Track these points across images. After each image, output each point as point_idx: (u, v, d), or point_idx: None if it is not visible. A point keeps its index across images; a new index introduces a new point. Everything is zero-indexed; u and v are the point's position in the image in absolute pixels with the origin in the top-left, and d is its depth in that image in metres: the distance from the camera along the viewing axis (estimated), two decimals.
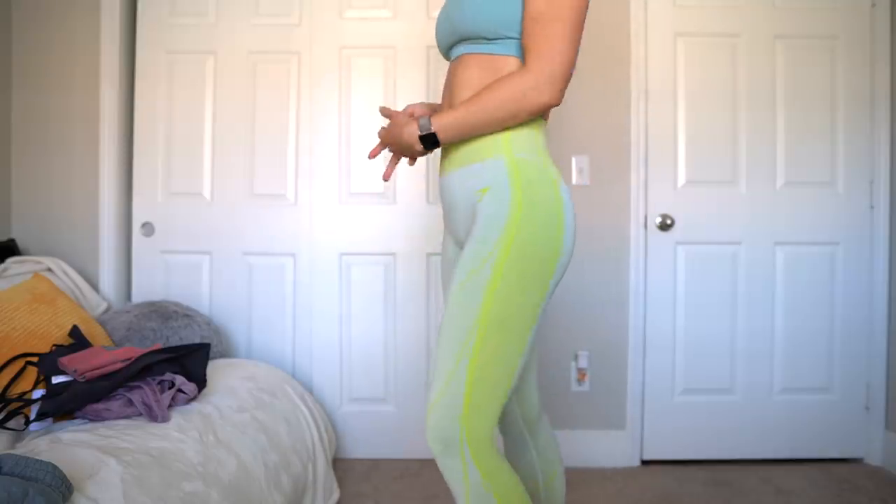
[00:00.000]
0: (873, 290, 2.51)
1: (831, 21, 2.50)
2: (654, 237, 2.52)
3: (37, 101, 2.54)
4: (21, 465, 1.09)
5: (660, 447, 2.53)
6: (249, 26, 2.55)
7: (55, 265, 2.38)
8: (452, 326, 1.17)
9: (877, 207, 2.51)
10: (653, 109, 2.51)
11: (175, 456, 1.43)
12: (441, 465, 1.17)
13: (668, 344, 2.52)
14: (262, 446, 1.76)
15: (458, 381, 1.14)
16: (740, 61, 2.51)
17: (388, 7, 2.54)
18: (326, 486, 2.11)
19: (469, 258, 1.18)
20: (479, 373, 1.14)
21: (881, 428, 2.50)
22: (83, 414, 1.54)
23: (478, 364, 1.14)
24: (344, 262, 2.56)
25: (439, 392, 1.16)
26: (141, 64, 2.56)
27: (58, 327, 1.89)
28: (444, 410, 1.15)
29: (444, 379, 1.15)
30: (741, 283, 2.52)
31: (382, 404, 2.57)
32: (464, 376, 1.14)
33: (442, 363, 1.16)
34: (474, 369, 1.14)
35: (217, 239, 2.57)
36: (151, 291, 2.56)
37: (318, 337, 2.56)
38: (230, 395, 1.87)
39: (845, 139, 2.51)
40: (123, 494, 1.21)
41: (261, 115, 2.55)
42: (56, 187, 2.55)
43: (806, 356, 2.52)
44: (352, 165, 2.56)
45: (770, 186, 2.51)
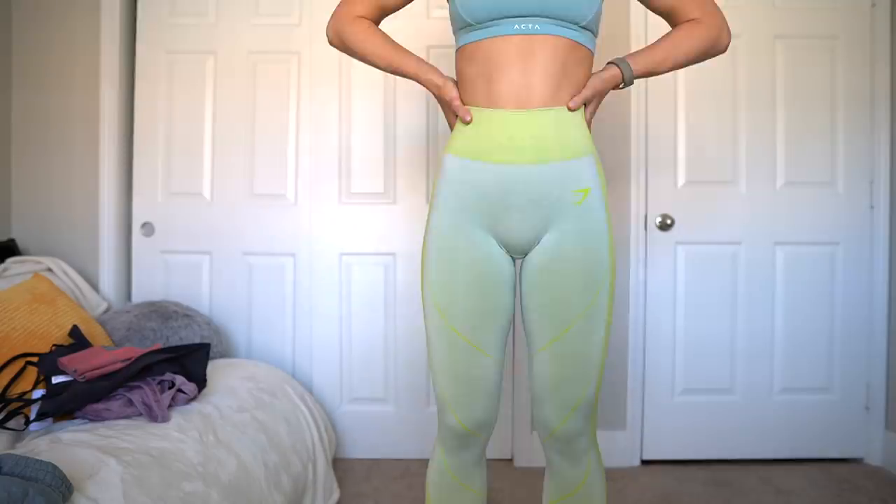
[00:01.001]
0: (873, 290, 2.51)
1: (831, 21, 2.50)
2: (653, 237, 2.52)
3: (37, 101, 2.54)
4: (21, 465, 1.09)
5: (660, 447, 2.53)
6: (249, 26, 2.55)
7: (55, 265, 2.38)
8: (587, 355, 1.24)
9: (877, 207, 2.51)
10: (653, 109, 2.51)
11: (175, 456, 1.43)
12: (571, 458, 1.31)
13: (668, 344, 2.52)
14: (262, 446, 1.76)
15: (590, 402, 1.28)
16: (740, 61, 2.51)
17: None
18: (326, 486, 2.11)
19: (587, 281, 1.22)
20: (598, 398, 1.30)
21: (881, 428, 2.50)
22: (83, 414, 1.54)
23: (599, 391, 1.30)
24: (344, 262, 2.56)
25: (588, 417, 1.28)
26: (141, 64, 2.56)
27: (58, 327, 1.89)
28: (589, 428, 1.30)
29: (588, 404, 1.27)
30: (741, 283, 2.52)
31: (382, 404, 2.57)
32: (591, 399, 1.28)
33: (582, 389, 1.25)
34: (598, 394, 1.29)
35: (217, 239, 2.57)
36: (151, 291, 2.56)
37: (318, 337, 2.56)
38: (230, 395, 1.87)
39: (845, 139, 2.51)
40: (123, 494, 1.21)
41: (261, 115, 2.55)
42: (56, 187, 2.55)
43: (806, 356, 2.52)
44: (352, 165, 2.56)
45: (770, 186, 2.51)
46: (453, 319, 1.25)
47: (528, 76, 1.19)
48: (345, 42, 1.36)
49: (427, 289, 1.28)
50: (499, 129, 1.21)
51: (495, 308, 1.26)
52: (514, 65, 1.19)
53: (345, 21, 1.35)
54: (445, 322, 1.26)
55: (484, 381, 1.28)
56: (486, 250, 1.25)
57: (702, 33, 1.30)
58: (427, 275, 1.28)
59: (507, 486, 2.31)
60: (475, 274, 1.25)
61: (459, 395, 1.28)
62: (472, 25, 1.21)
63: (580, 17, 1.19)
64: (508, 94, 1.20)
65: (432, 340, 1.29)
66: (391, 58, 1.32)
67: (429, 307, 1.28)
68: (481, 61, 1.22)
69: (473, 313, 1.25)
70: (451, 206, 1.26)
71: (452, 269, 1.25)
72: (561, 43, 1.19)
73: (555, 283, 1.23)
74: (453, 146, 1.28)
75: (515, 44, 1.19)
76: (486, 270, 1.25)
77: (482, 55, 1.21)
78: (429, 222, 1.30)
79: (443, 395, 1.30)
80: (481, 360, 1.27)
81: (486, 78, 1.21)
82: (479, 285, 1.24)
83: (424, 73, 1.30)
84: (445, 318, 1.25)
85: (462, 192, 1.25)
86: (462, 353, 1.26)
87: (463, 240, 1.25)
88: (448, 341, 1.26)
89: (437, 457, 1.37)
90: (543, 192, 1.21)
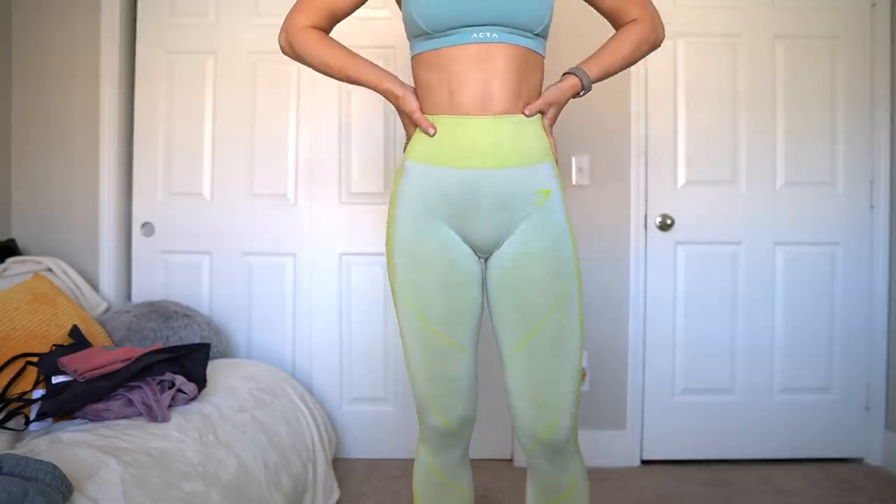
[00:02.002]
0: (873, 290, 2.51)
1: (831, 21, 2.50)
2: (654, 237, 2.52)
3: (37, 101, 2.54)
4: (21, 465, 1.09)
5: (660, 447, 2.53)
6: (249, 26, 2.55)
7: (55, 265, 2.38)
8: (563, 350, 1.24)
9: (877, 207, 2.51)
10: (653, 109, 2.51)
11: (175, 456, 1.43)
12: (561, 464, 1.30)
13: (668, 344, 2.52)
14: (262, 446, 1.76)
15: (575, 401, 1.27)
16: (740, 61, 2.51)
17: (388, 7, 2.54)
18: (326, 486, 2.11)
19: (554, 275, 1.24)
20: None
21: (881, 428, 2.50)
22: (83, 414, 1.54)
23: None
24: (344, 262, 2.56)
25: (573, 416, 1.26)
26: (141, 64, 2.56)
27: (58, 327, 1.89)
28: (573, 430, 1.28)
29: (572, 402, 1.26)
30: (741, 283, 2.52)
31: (382, 404, 2.57)
32: (575, 397, 1.27)
33: (564, 386, 1.25)
34: (578, 391, 1.29)
35: (217, 239, 2.57)
36: (151, 291, 2.56)
37: (318, 337, 2.56)
38: (230, 395, 1.87)
39: (845, 139, 2.51)
40: (123, 494, 1.22)
41: (261, 115, 2.55)
42: (56, 187, 2.55)
43: (806, 356, 2.52)
44: (352, 165, 2.56)
45: (770, 186, 2.51)
46: (429, 319, 1.26)
47: (487, 84, 1.21)
48: (297, 52, 1.35)
49: (399, 290, 1.28)
50: (462, 136, 1.23)
51: (468, 305, 1.27)
52: (474, 73, 1.21)
53: (294, 31, 1.36)
54: (423, 323, 1.26)
55: (465, 379, 1.29)
56: (454, 249, 1.26)
57: (642, 33, 1.34)
58: (398, 276, 1.28)
59: (507, 486, 2.31)
60: (446, 272, 1.25)
61: (441, 394, 1.29)
62: (429, 34, 1.22)
63: (535, 25, 1.22)
64: (471, 101, 1.22)
65: (409, 342, 1.29)
66: (347, 66, 1.30)
67: (403, 309, 1.28)
68: (441, 69, 1.23)
69: (448, 311, 1.25)
70: (417, 209, 1.26)
71: (423, 269, 1.26)
72: (517, 51, 1.22)
73: (522, 279, 1.24)
74: (415, 153, 1.27)
75: (474, 52, 1.21)
76: (456, 268, 1.26)
77: (441, 63, 1.23)
78: (393, 227, 1.29)
79: (424, 395, 1.30)
80: (459, 356, 1.27)
81: (447, 86, 1.23)
82: (452, 283, 1.25)
83: (383, 83, 1.29)
84: (422, 319, 1.26)
85: (428, 195, 1.25)
86: (440, 352, 1.27)
87: (431, 240, 1.25)
88: (425, 341, 1.27)
89: (423, 457, 1.38)
90: (507, 195, 1.23)
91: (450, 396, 1.29)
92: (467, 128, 1.23)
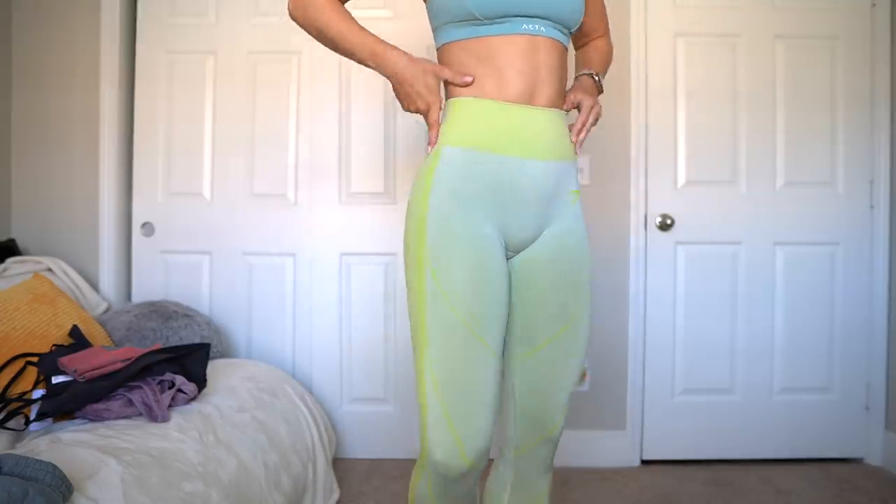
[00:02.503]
0: (873, 290, 2.51)
1: (831, 21, 2.50)
2: (654, 237, 2.52)
3: (37, 101, 2.54)
4: (21, 465, 1.09)
5: (660, 447, 2.53)
6: (249, 26, 2.55)
7: (55, 265, 2.38)
8: (578, 350, 1.27)
9: (877, 207, 2.51)
10: (653, 109, 2.51)
11: (175, 456, 1.43)
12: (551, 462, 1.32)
13: (668, 344, 2.52)
14: (262, 446, 1.76)
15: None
16: (740, 61, 2.51)
17: (388, 7, 2.54)
18: (326, 486, 2.11)
19: (585, 277, 1.26)
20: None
21: (881, 428, 2.50)
22: (83, 414, 1.54)
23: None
24: (344, 262, 2.56)
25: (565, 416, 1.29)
26: (141, 64, 2.56)
27: (58, 327, 1.89)
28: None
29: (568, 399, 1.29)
30: (741, 283, 2.52)
31: (382, 404, 2.57)
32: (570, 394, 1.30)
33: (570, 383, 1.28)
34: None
35: (217, 239, 2.57)
36: (151, 291, 2.56)
37: (318, 337, 2.56)
38: (230, 395, 1.87)
39: (845, 139, 2.51)
40: (123, 494, 1.21)
41: (261, 115, 2.55)
42: (56, 187, 2.55)
43: (806, 356, 2.52)
44: (352, 165, 2.56)
45: (770, 186, 2.51)
46: (463, 313, 1.13)
47: (536, 76, 1.20)
48: (307, 15, 1.27)
49: (428, 280, 1.15)
50: (509, 122, 1.19)
51: (500, 302, 1.17)
52: (523, 64, 1.19)
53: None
54: (457, 315, 1.13)
55: (492, 390, 1.15)
56: (491, 240, 1.18)
57: (609, 48, 1.49)
58: (427, 266, 1.15)
59: None
60: (482, 265, 1.15)
61: (464, 409, 1.13)
62: (478, 21, 1.17)
63: (574, 22, 1.24)
64: (519, 92, 1.19)
65: (434, 338, 1.13)
66: (367, 40, 1.24)
67: (432, 301, 1.14)
68: (488, 57, 1.19)
69: (481, 307, 1.14)
70: (456, 196, 1.17)
71: (459, 260, 1.14)
72: (559, 47, 1.23)
73: (558, 280, 1.23)
74: (454, 137, 1.20)
75: (523, 43, 1.19)
76: (493, 262, 1.17)
77: (488, 51, 1.19)
78: (423, 216, 1.18)
79: (444, 407, 1.12)
80: (489, 359, 1.15)
81: (495, 75, 1.19)
82: (486, 277, 1.15)
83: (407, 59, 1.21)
84: (455, 311, 1.13)
85: (469, 181, 1.18)
86: (471, 350, 1.13)
87: (469, 229, 1.16)
88: (456, 337, 1.12)
89: (422, 489, 1.21)
90: (548, 188, 1.22)
91: (474, 412, 1.13)
92: (515, 115, 1.19)
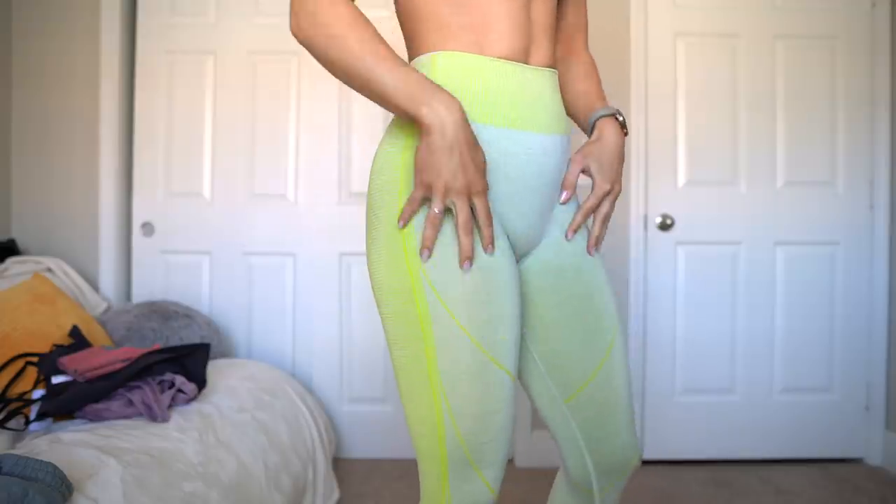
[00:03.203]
0: (873, 290, 2.51)
1: (831, 21, 2.50)
2: (654, 237, 2.52)
3: (36, 101, 2.54)
4: (21, 465, 1.09)
5: (660, 447, 2.53)
6: (249, 26, 2.55)
7: (55, 265, 2.37)
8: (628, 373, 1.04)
9: (877, 207, 2.51)
10: (653, 109, 2.51)
11: (175, 456, 1.43)
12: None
13: (668, 344, 2.52)
14: (262, 446, 1.76)
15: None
16: (740, 61, 2.51)
17: (388, 7, 2.53)
18: (326, 486, 2.11)
19: (608, 276, 1.04)
20: None
21: (881, 428, 2.50)
22: (83, 414, 1.54)
23: None
24: (344, 262, 2.56)
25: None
26: (141, 64, 2.56)
27: (58, 327, 1.89)
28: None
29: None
30: (741, 283, 2.52)
31: (382, 404, 2.57)
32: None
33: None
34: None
35: (217, 239, 2.57)
36: (151, 291, 2.56)
37: (318, 337, 2.56)
38: (230, 395, 1.87)
39: (845, 139, 2.51)
40: (123, 494, 1.21)
41: (261, 114, 2.55)
42: (56, 187, 2.55)
43: (806, 356, 2.52)
44: (352, 165, 2.56)
45: (770, 186, 2.51)
46: (477, 335, 0.89)
47: (530, 26, 0.96)
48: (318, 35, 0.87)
49: (429, 295, 0.88)
50: (504, 84, 0.92)
51: (514, 316, 0.92)
52: (508, 12, 0.93)
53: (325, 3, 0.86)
54: (470, 339, 0.88)
55: (510, 415, 0.92)
56: (501, 240, 0.92)
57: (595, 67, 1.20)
58: (427, 276, 0.88)
59: (508, 486, 2.30)
60: (497, 270, 0.91)
61: (487, 438, 0.90)
62: None
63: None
64: (510, 46, 0.93)
65: (448, 363, 0.88)
66: (408, 77, 0.85)
67: (439, 322, 0.88)
68: (464, 5, 0.92)
69: (484, 316, 0.89)
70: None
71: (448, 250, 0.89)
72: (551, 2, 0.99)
73: (586, 284, 1.01)
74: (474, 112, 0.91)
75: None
76: (506, 267, 0.92)
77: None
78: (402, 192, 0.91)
79: (468, 443, 0.90)
80: (505, 381, 0.91)
81: (476, 26, 0.92)
82: (499, 286, 0.90)
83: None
84: (466, 332, 0.88)
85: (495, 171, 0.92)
86: (489, 374, 0.89)
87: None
88: (474, 362, 0.88)
89: None
90: (553, 169, 0.97)
91: (495, 439, 0.91)
92: (511, 76, 0.93)
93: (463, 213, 0.85)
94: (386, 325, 0.92)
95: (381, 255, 0.91)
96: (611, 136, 1.03)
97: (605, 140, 1.03)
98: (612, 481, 1.04)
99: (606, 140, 1.03)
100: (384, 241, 0.91)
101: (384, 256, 0.91)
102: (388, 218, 0.91)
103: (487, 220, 0.87)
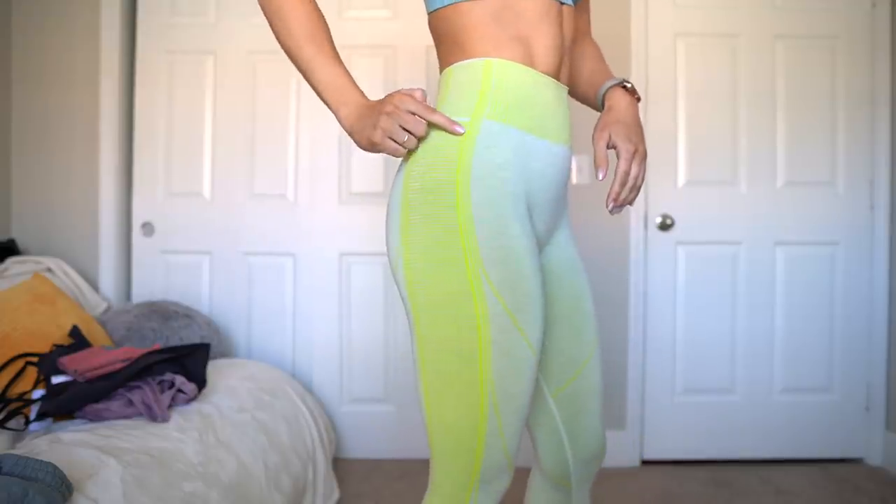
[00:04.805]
0: (873, 290, 2.51)
1: (831, 21, 2.50)
2: (654, 237, 2.52)
3: (36, 100, 2.54)
4: (21, 465, 1.09)
5: (660, 447, 2.53)
6: (249, 26, 2.54)
7: (55, 265, 2.37)
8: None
9: (877, 207, 2.51)
10: (653, 109, 2.51)
11: (175, 456, 1.43)
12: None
13: (668, 344, 2.52)
14: (262, 446, 1.76)
15: None
16: (740, 61, 2.51)
17: (388, 7, 2.54)
18: (326, 486, 2.11)
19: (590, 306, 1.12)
20: None
21: (881, 428, 2.50)
22: (83, 414, 1.54)
23: None
24: (344, 262, 2.56)
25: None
26: (141, 63, 2.55)
27: (58, 327, 1.89)
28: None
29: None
30: (741, 283, 2.52)
31: (382, 404, 2.57)
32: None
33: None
34: None
35: (217, 239, 2.57)
36: (151, 291, 2.56)
37: (318, 337, 2.56)
38: (230, 395, 1.87)
39: (845, 139, 2.51)
40: (123, 494, 1.21)
41: (261, 114, 2.55)
42: (56, 187, 2.55)
43: (806, 356, 2.52)
44: (352, 165, 2.56)
45: (770, 186, 2.51)
46: (526, 330, 0.93)
47: (556, 45, 1.01)
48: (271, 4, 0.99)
49: (486, 290, 0.90)
50: (543, 98, 1.00)
51: (543, 314, 0.98)
52: (548, 29, 1.00)
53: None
54: (521, 334, 0.92)
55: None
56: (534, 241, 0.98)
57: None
58: (484, 273, 0.90)
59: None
60: (535, 267, 0.95)
61: (518, 431, 0.96)
62: None
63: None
64: (548, 60, 1.00)
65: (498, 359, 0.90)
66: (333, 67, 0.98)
67: (493, 316, 0.90)
68: (512, 20, 0.98)
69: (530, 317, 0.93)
70: (505, 186, 0.95)
71: (515, 264, 0.92)
72: (572, 14, 1.06)
73: (580, 291, 1.10)
74: (496, 111, 0.96)
75: (544, 7, 1.00)
76: (538, 266, 0.97)
77: (513, 14, 0.98)
78: (464, 199, 0.92)
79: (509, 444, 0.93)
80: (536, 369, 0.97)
81: (522, 39, 0.98)
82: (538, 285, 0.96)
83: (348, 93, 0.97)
84: (518, 327, 0.92)
85: (513, 168, 0.96)
86: (532, 368, 0.94)
87: (521, 227, 0.95)
88: (522, 359, 0.92)
89: None
90: (564, 179, 1.05)
91: (521, 430, 0.97)
92: (546, 89, 1.00)
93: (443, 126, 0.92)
94: (428, 331, 0.92)
95: (429, 259, 0.92)
96: (622, 103, 1.07)
97: (618, 107, 1.06)
98: (589, 470, 1.11)
99: (619, 107, 1.06)
100: (432, 244, 0.92)
101: (434, 261, 0.92)
102: (440, 222, 0.92)
103: (427, 110, 0.92)
